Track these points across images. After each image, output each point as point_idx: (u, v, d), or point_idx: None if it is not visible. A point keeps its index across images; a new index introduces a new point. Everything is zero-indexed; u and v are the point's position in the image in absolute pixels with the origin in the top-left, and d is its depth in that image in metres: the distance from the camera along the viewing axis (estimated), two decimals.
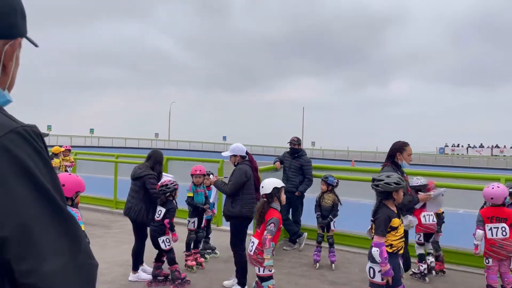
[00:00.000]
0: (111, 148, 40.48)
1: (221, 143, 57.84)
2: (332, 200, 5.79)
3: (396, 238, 3.53)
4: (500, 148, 51.65)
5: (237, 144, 4.90)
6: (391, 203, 3.58)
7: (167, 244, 4.78)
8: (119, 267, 5.44)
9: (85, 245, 0.89)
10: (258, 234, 3.99)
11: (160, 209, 4.85)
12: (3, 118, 0.86)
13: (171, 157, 9.37)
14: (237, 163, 4.80)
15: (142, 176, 4.93)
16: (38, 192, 0.82)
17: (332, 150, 53.11)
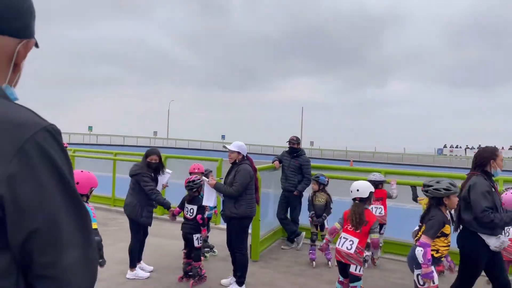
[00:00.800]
0: (110, 146, 40.44)
1: (219, 142, 57.80)
2: (325, 199, 5.83)
3: (444, 244, 3.51)
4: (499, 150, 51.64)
5: (242, 142, 4.75)
6: (444, 209, 3.53)
7: (200, 242, 4.96)
8: (116, 264, 5.43)
9: (94, 239, 0.94)
10: (354, 233, 4.05)
11: (191, 207, 4.94)
12: (30, 114, 0.90)
13: (170, 155, 9.37)
14: (237, 162, 4.72)
15: (136, 174, 5.00)
16: (65, 188, 0.86)
17: (331, 150, 53.15)
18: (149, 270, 5.20)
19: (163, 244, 6.42)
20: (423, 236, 3.43)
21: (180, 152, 38.81)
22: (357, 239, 3.98)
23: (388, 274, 5.47)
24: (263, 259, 5.94)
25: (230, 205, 4.58)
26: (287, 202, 6.80)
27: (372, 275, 5.42)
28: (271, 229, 6.85)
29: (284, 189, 6.80)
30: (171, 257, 5.79)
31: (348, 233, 4.07)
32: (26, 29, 0.98)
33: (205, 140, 56.71)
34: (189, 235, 4.92)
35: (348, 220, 4.13)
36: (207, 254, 5.89)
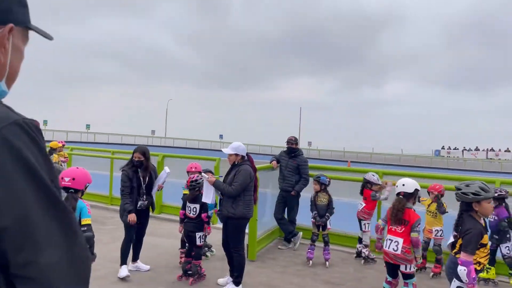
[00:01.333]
0: (107, 144, 40.32)
1: (217, 141, 57.75)
2: (327, 199, 5.84)
3: (484, 255, 3.25)
4: (496, 152, 51.94)
5: (239, 143, 4.74)
6: (477, 216, 3.24)
7: (202, 240, 5.00)
8: (112, 263, 5.42)
9: (81, 238, 0.90)
10: (398, 233, 4.10)
11: (194, 206, 4.96)
12: (3, 109, 0.86)
13: (168, 154, 9.35)
14: (237, 163, 4.70)
15: (121, 170, 5.10)
16: (37, 184, 0.82)
17: (329, 150, 53.17)
18: (146, 269, 5.18)
19: (160, 243, 6.41)
20: (462, 253, 3.13)
21: (178, 151, 38.74)
22: (402, 239, 4.06)
23: (384, 274, 5.46)
24: (260, 258, 5.94)
25: (228, 204, 4.56)
26: (284, 202, 6.80)
27: (369, 275, 5.43)
28: (268, 229, 6.85)
29: (282, 189, 6.80)
30: (169, 256, 5.79)
31: (392, 234, 4.16)
32: (2, 14, 0.91)
33: (203, 140, 56.64)
34: (192, 233, 4.91)
35: (390, 217, 4.22)
36: (208, 253, 5.88)
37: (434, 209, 5.49)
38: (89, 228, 3.44)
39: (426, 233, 5.55)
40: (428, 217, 5.56)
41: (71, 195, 3.45)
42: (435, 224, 5.48)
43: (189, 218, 4.99)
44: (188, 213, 5.00)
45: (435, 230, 5.47)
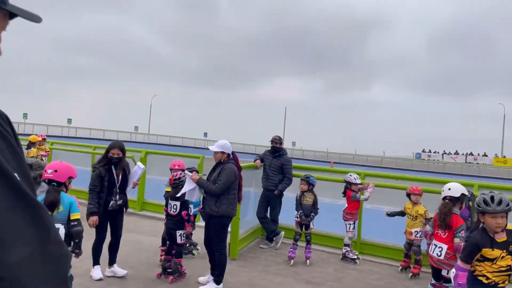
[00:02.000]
0: (89, 140, 39.70)
1: (202, 139, 57.49)
2: (313, 199, 5.90)
3: (493, 270, 2.97)
4: (474, 156, 53.18)
5: (225, 141, 4.71)
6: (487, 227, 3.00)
7: (183, 238, 4.94)
8: (91, 260, 5.33)
9: (55, 234, 0.86)
10: (443, 239, 4.16)
11: (174, 203, 4.91)
12: None
13: (151, 151, 9.26)
14: (223, 161, 4.68)
15: (92, 168, 4.87)
16: (2, 179, 0.77)
17: (312, 151, 53.54)
18: (122, 274, 4.84)
19: (141, 241, 6.34)
20: (458, 259, 3.13)
21: (161, 148, 38.40)
22: (446, 245, 4.12)
23: (364, 275, 5.54)
24: (242, 257, 5.94)
25: (211, 203, 4.53)
26: (267, 201, 6.81)
27: (349, 275, 5.49)
28: (251, 227, 6.85)
29: (265, 188, 6.81)
30: (150, 253, 5.73)
31: (437, 239, 4.22)
32: None
33: (187, 137, 56.29)
34: (173, 231, 4.89)
35: (437, 222, 4.27)
36: (194, 252, 5.84)
37: (414, 212, 5.58)
38: (79, 223, 3.45)
39: (407, 234, 5.65)
40: (408, 219, 5.65)
41: (52, 187, 3.41)
42: (415, 226, 5.58)
43: (170, 215, 4.96)
44: (169, 210, 4.97)
45: (414, 231, 5.56)
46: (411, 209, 5.63)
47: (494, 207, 2.94)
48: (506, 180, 32.29)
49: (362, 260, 6.15)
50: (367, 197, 6.01)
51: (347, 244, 6.10)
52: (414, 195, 5.64)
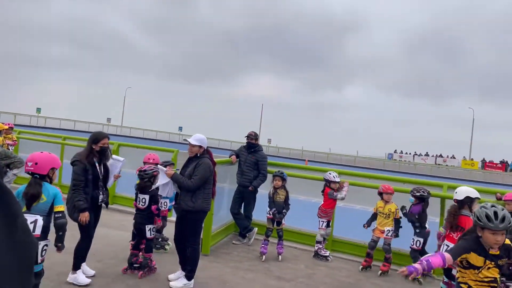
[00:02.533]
0: (59, 130, 38.55)
1: (176, 134, 56.87)
2: (285, 195, 5.91)
3: (476, 279, 2.82)
4: (444, 158, 54.92)
5: (203, 135, 4.62)
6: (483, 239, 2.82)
7: (153, 233, 4.83)
8: (58, 254, 5.16)
9: (22, 222, 0.83)
10: (454, 240, 4.17)
11: (143, 197, 4.77)
12: None
13: (123, 143, 9.05)
14: (198, 155, 4.58)
15: (71, 163, 4.29)
16: None
17: (287, 149, 53.92)
18: (90, 275, 4.51)
19: (110, 235, 6.18)
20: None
21: (135, 141, 37.70)
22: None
23: (335, 272, 5.60)
24: (214, 253, 5.89)
25: (187, 198, 4.45)
26: (241, 197, 6.78)
27: (319, 272, 5.53)
28: (224, 223, 6.81)
29: (239, 184, 6.77)
30: (119, 248, 5.59)
31: (449, 241, 4.31)
32: None
33: (162, 131, 55.55)
34: (142, 226, 4.78)
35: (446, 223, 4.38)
36: (166, 246, 5.73)
37: (387, 211, 5.68)
38: (63, 215, 3.36)
39: (377, 232, 5.74)
40: (381, 218, 5.74)
41: (34, 180, 3.34)
42: (387, 225, 5.68)
43: (139, 209, 4.84)
44: (137, 204, 4.85)
45: (386, 230, 5.66)
46: (383, 208, 5.73)
47: (496, 224, 2.73)
48: (473, 182, 33.48)
49: (333, 257, 6.21)
50: (343, 196, 6.08)
51: (319, 241, 6.16)
52: (386, 194, 5.74)
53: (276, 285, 4.91)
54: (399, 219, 5.72)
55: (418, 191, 5.58)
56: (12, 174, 6.02)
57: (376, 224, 5.79)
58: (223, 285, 4.73)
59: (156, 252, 5.63)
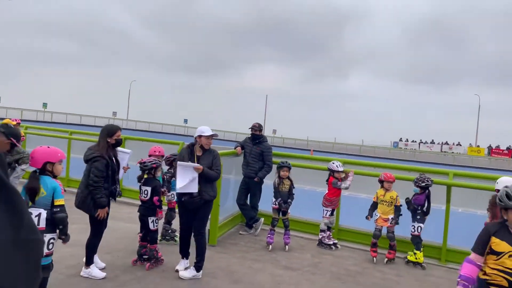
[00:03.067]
0: (65, 125, 38.78)
1: (182, 126, 57.01)
2: (289, 185, 5.98)
3: (495, 266, 2.67)
4: (450, 145, 54.62)
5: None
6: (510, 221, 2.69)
7: (156, 224, 4.86)
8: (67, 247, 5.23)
9: (29, 220, 0.85)
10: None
11: (145, 188, 4.84)
12: None
13: (129, 136, 9.11)
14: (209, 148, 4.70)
15: (90, 158, 4.24)
16: None
17: (293, 139, 53.90)
18: (101, 267, 4.58)
19: (119, 228, 6.27)
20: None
21: (140, 134, 37.86)
22: None
23: (341, 261, 5.65)
24: (221, 244, 5.96)
25: (208, 189, 4.58)
26: (247, 188, 6.82)
27: (326, 261, 5.58)
28: (230, 214, 6.87)
29: (245, 175, 6.81)
30: (127, 240, 5.68)
31: None
32: None
33: (167, 123, 55.68)
34: (144, 217, 4.85)
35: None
36: (176, 238, 5.79)
37: (389, 198, 5.71)
38: (62, 209, 3.36)
39: (381, 221, 5.76)
40: (383, 206, 5.76)
41: (32, 174, 3.39)
42: (390, 213, 5.71)
43: (142, 201, 4.91)
44: (140, 196, 4.91)
45: (390, 218, 5.69)
46: (384, 196, 5.76)
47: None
48: (479, 169, 33.33)
49: (340, 246, 6.26)
50: (347, 186, 6.11)
51: (322, 230, 6.21)
52: (387, 182, 5.77)
53: (283, 274, 4.97)
54: (399, 206, 5.75)
55: (423, 181, 5.58)
56: (21, 170, 6.09)
57: (378, 213, 5.81)
58: (230, 275, 4.79)
59: (166, 244, 5.71)
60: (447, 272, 5.48)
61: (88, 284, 4.23)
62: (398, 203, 5.74)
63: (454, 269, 5.39)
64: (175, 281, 4.49)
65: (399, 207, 5.75)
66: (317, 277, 4.95)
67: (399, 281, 5.02)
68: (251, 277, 4.77)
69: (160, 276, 4.59)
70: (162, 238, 5.77)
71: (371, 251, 5.81)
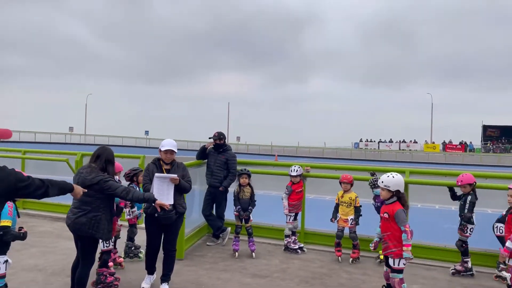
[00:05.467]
0: (18, 143, 36.92)
1: (143, 138, 55.83)
2: (250, 192, 6.04)
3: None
4: (407, 143, 56.90)
5: (173, 141, 4.69)
6: None
7: (106, 244, 4.53)
8: (26, 272, 5.01)
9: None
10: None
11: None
12: None
13: (87, 153, 8.81)
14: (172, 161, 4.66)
15: (97, 182, 3.92)
16: None
17: (257, 145, 54.16)
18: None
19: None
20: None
21: None
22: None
23: (308, 264, 5.73)
24: (188, 257, 5.88)
25: (181, 201, 4.57)
26: (212, 198, 6.78)
27: (293, 265, 5.64)
28: (197, 226, 6.79)
29: (210, 184, 6.76)
30: None
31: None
32: None
33: (128, 136, 54.35)
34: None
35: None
36: (141, 255, 5.63)
37: (348, 199, 5.88)
38: (6, 231, 3.18)
39: (341, 222, 5.92)
40: (343, 207, 5.93)
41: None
42: (349, 213, 5.87)
43: None
44: None
45: (350, 219, 5.85)
46: (342, 197, 5.93)
47: None
48: (435, 165, 34.90)
49: (306, 249, 6.34)
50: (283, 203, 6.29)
51: (287, 235, 6.29)
52: (343, 184, 5.95)
53: (252, 282, 4.96)
54: (359, 207, 5.92)
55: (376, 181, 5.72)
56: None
57: (339, 214, 5.96)
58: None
59: (130, 261, 5.56)
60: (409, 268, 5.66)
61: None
62: (358, 204, 5.90)
63: (416, 263, 5.60)
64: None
65: (358, 208, 5.91)
66: (286, 282, 4.99)
67: (365, 280, 5.15)
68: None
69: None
70: (125, 256, 5.61)
71: (336, 251, 5.95)
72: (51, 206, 8.60)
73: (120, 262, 5.30)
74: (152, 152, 4.85)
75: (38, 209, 8.62)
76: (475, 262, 5.51)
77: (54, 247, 6.14)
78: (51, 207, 8.58)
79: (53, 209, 8.53)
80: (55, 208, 8.53)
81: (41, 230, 7.24)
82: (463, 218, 5.32)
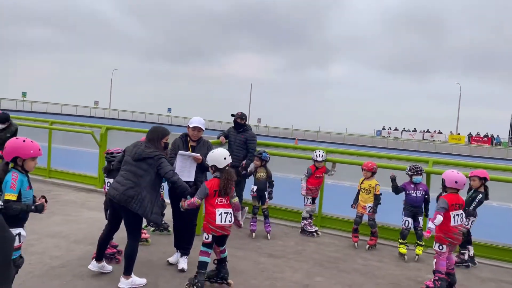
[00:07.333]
0: (46, 114, 37.98)
1: (165, 115, 56.44)
2: (266, 174, 6.09)
3: None
4: (431, 133, 55.60)
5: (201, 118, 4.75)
6: None
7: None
8: (50, 238, 5.22)
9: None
10: None
11: (108, 181, 4.66)
12: None
13: (111, 126, 9.01)
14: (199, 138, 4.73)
15: (153, 156, 3.96)
16: None
17: (277, 128, 54.02)
18: (109, 270, 4.34)
19: (102, 219, 6.22)
20: None
21: (123, 124, 37.39)
22: None
23: (323, 248, 5.75)
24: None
25: (203, 178, 4.64)
26: None
27: (309, 248, 5.67)
28: None
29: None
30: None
31: None
32: None
33: (150, 113, 55.06)
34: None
35: None
36: (170, 228, 5.76)
37: (367, 186, 5.82)
38: (8, 205, 2.75)
39: (360, 209, 5.89)
40: (362, 194, 5.88)
41: (3, 165, 3.19)
42: (369, 201, 5.82)
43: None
44: (104, 188, 4.77)
45: (368, 206, 5.81)
46: (364, 183, 5.88)
47: None
48: (459, 156, 34.10)
49: (322, 233, 6.36)
50: (332, 173, 6.25)
51: (305, 217, 6.31)
52: (364, 170, 5.89)
53: (266, 262, 5.03)
54: (378, 195, 5.84)
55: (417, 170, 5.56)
56: None
57: (360, 200, 5.93)
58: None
59: (160, 234, 5.76)
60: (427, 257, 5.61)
61: (70, 277, 4.21)
62: (378, 192, 5.83)
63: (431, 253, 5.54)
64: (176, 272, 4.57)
65: (378, 196, 5.84)
66: (300, 264, 5.04)
67: (380, 267, 5.14)
68: (234, 265, 4.81)
69: (152, 268, 4.57)
70: (155, 229, 5.79)
71: (353, 236, 5.94)
72: (77, 176, 8.89)
73: (146, 238, 5.35)
74: (175, 130, 4.89)
75: (64, 179, 8.91)
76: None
77: (77, 216, 6.36)
78: (76, 178, 8.87)
79: (79, 179, 8.82)
80: (81, 179, 8.81)
81: (66, 199, 7.50)
82: (466, 212, 5.19)
